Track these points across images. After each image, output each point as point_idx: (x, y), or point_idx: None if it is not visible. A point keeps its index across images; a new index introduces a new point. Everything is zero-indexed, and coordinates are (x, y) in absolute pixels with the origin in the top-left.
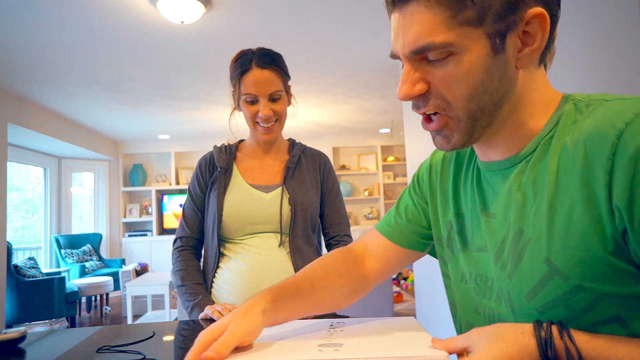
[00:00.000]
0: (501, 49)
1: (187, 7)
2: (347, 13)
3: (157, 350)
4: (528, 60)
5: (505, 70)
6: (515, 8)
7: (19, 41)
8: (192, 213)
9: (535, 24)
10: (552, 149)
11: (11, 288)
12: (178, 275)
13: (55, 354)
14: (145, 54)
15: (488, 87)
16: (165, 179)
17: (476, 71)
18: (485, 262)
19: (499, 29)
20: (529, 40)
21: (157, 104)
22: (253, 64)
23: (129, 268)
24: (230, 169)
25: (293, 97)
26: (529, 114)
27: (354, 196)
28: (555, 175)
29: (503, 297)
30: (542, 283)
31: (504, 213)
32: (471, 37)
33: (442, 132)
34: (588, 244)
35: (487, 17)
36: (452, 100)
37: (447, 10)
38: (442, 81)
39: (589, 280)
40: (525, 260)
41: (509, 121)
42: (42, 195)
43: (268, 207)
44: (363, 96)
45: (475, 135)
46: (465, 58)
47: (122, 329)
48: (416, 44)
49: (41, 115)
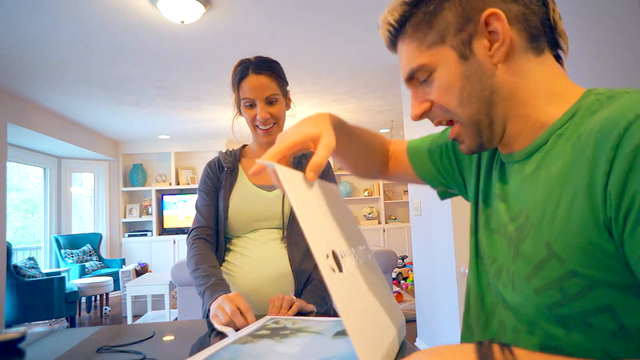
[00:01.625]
0: (470, 54)
1: (187, 7)
2: (347, 13)
3: (157, 351)
4: (501, 55)
5: (482, 70)
6: (469, 18)
7: (19, 41)
8: (206, 206)
9: (493, 22)
10: (567, 139)
11: (11, 288)
12: (193, 260)
13: (55, 354)
14: (145, 54)
15: (472, 90)
16: (165, 179)
17: (455, 79)
18: (500, 246)
19: (462, 39)
20: (495, 38)
21: (157, 104)
22: (250, 71)
23: (129, 268)
24: (236, 170)
25: (292, 102)
26: (533, 105)
27: (354, 196)
28: (567, 164)
29: (509, 279)
30: (541, 265)
31: (518, 201)
32: (439, 55)
33: (459, 139)
34: (585, 230)
35: (447, 34)
36: (450, 109)
37: (416, 40)
38: (437, 97)
39: (583, 266)
40: (527, 243)
41: (512, 116)
42: (42, 195)
43: (271, 205)
44: (363, 96)
45: (484, 136)
46: (441, 73)
47: (122, 329)
48: (405, 72)
49: (41, 115)
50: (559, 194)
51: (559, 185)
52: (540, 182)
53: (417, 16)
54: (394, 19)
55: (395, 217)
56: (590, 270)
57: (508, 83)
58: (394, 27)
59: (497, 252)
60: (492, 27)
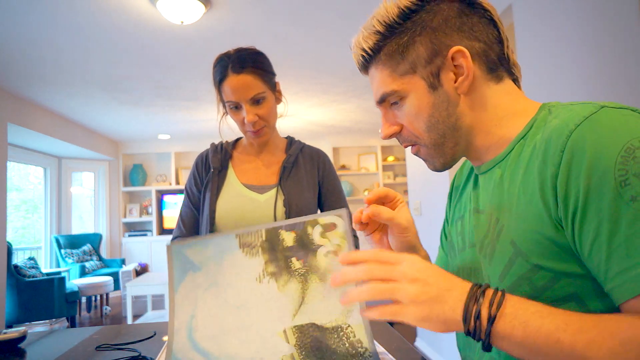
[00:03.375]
0: (438, 84)
1: (187, 7)
2: (347, 13)
3: (157, 351)
4: (465, 87)
5: (449, 100)
6: (437, 52)
7: (19, 41)
8: (189, 212)
9: (459, 58)
10: (526, 147)
11: (11, 288)
12: None
13: (55, 354)
14: (145, 54)
15: (439, 117)
16: (165, 179)
17: (424, 107)
18: (476, 256)
19: (431, 71)
20: (460, 72)
21: (157, 104)
22: (229, 70)
23: (129, 268)
24: (225, 169)
25: (283, 95)
26: (496, 125)
27: (354, 196)
28: (525, 168)
29: (487, 281)
30: (510, 263)
31: (489, 208)
32: (410, 83)
33: (422, 158)
34: (542, 228)
35: (418, 65)
36: (418, 134)
37: (388, 68)
38: (406, 121)
39: (545, 260)
40: (498, 244)
41: (476, 135)
42: (42, 195)
43: (261, 210)
44: (363, 96)
45: (449, 155)
46: (412, 99)
47: (123, 328)
48: (377, 95)
49: (41, 115)
50: (519, 196)
51: (520, 188)
52: (506, 186)
53: (391, 46)
54: (368, 46)
55: None
56: (552, 264)
57: (471, 110)
58: (367, 54)
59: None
60: (458, 62)
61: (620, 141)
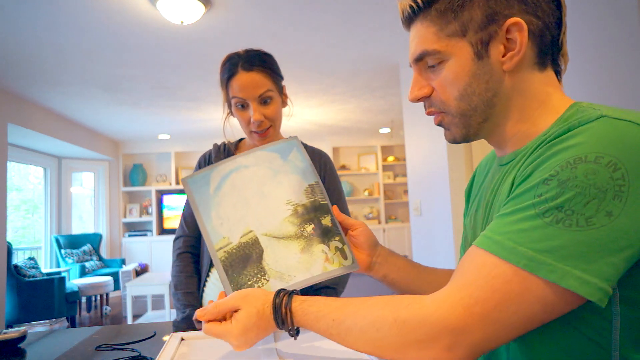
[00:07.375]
0: (485, 55)
1: (187, 7)
2: (347, 13)
3: (157, 350)
4: (513, 64)
5: (491, 73)
6: (494, 20)
7: (19, 41)
8: (192, 212)
9: (514, 31)
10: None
11: (11, 288)
12: (173, 281)
13: (55, 354)
14: (145, 54)
15: (476, 88)
16: (165, 179)
17: (463, 75)
18: None
19: (481, 38)
20: (512, 46)
21: (157, 104)
22: (239, 67)
23: (129, 268)
24: None
25: (289, 99)
26: (528, 115)
27: (354, 196)
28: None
29: None
30: None
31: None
32: (457, 46)
33: (444, 126)
34: None
35: (469, 29)
36: (446, 101)
37: (436, 25)
38: (439, 85)
39: None
40: None
41: (507, 119)
42: (42, 195)
43: None
44: (363, 96)
45: (473, 129)
46: (453, 64)
47: (123, 328)
48: (416, 53)
49: (41, 115)
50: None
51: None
52: (507, 186)
53: (445, 2)
54: None
55: (396, 217)
56: None
57: (510, 90)
58: (417, 5)
59: None
60: (512, 36)
61: (582, 150)
